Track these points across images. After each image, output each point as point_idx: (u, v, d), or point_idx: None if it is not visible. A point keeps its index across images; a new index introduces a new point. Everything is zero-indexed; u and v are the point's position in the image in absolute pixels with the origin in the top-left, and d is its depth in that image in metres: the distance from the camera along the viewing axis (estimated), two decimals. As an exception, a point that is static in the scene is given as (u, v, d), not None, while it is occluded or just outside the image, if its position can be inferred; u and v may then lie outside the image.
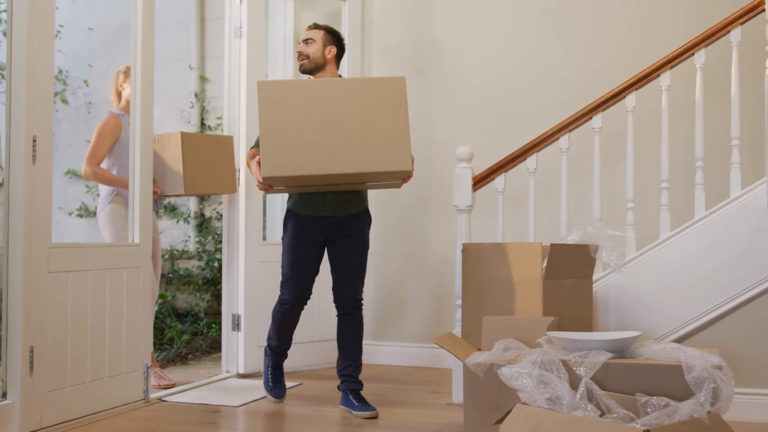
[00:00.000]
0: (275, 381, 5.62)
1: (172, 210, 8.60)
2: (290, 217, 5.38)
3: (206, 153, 6.10)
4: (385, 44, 7.41)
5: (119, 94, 6.18)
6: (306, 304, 5.47)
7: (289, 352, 5.73)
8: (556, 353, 4.09)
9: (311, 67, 5.40)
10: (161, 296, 8.30)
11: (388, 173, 4.86)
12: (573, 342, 4.17)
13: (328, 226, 5.30)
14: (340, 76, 5.51)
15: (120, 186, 5.94)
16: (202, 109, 8.58)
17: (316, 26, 5.50)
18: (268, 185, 5.01)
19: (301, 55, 5.41)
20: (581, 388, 3.84)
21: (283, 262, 5.41)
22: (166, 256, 8.61)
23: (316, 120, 4.76)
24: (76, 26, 8.94)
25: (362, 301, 5.46)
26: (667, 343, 4.18)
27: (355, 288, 5.40)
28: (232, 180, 6.32)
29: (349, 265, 5.36)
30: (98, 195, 8.58)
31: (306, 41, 5.41)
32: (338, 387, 5.45)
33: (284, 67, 7.37)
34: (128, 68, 6.15)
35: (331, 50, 5.43)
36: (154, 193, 5.88)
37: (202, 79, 8.62)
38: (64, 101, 8.85)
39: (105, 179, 6.00)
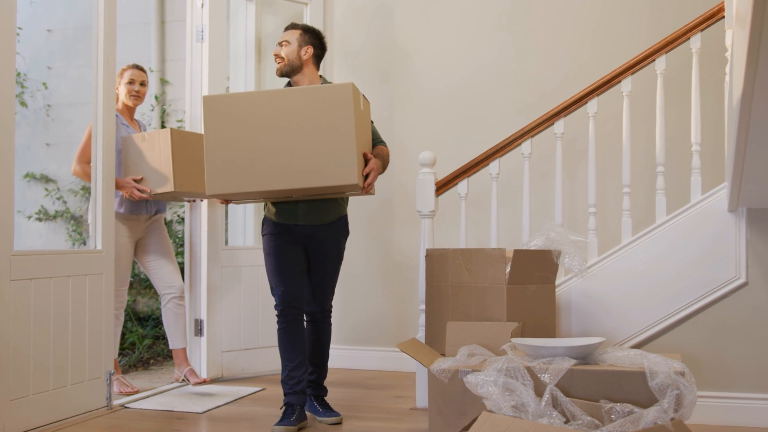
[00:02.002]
0: (283, 415, 5.04)
1: (132, 213, 8.54)
2: (266, 222, 5.21)
3: (196, 151, 5.91)
4: (347, 48, 7.41)
5: (117, 96, 6.16)
6: (302, 310, 5.18)
7: (280, 373, 5.23)
8: (520, 360, 4.12)
9: (287, 70, 5.16)
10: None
11: (335, 187, 4.72)
12: (537, 349, 4.19)
13: (303, 234, 5.11)
14: (321, 76, 5.31)
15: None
16: (163, 112, 8.54)
17: (293, 26, 5.25)
18: (224, 200, 5.00)
19: (276, 58, 5.18)
20: (546, 395, 3.87)
21: (267, 268, 5.15)
22: (127, 260, 8.56)
23: (260, 134, 4.67)
24: (34, 28, 8.87)
25: (331, 310, 5.37)
26: (631, 349, 4.23)
27: (325, 298, 5.28)
28: None
29: (321, 277, 5.23)
30: (58, 198, 8.61)
31: (281, 43, 5.18)
32: None
33: (246, 71, 7.36)
34: (123, 70, 6.13)
35: (308, 51, 5.18)
36: (143, 192, 5.82)
37: (163, 82, 8.58)
38: (23, 104, 8.78)
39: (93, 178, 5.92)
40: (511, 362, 4.03)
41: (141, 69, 6.21)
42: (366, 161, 4.83)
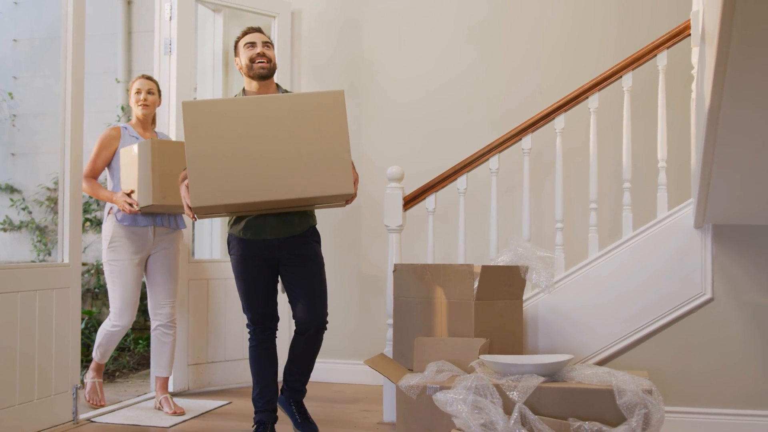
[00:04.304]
0: None
1: (98, 224, 8.50)
2: (232, 241, 4.99)
3: (180, 162, 5.41)
4: (314, 61, 7.41)
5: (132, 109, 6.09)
6: (275, 328, 5.06)
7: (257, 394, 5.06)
8: (489, 377, 4.13)
9: (269, 73, 4.98)
10: (87, 312, 8.20)
11: (328, 197, 4.55)
12: (506, 366, 4.21)
13: (272, 248, 4.90)
14: (277, 85, 5.16)
15: (107, 200, 5.79)
16: (129, 122, 8.50)
17: (262, 31, 5.12)
18: (193, 215, 4.67)
19: (262, 57, 4.96)
20: (515, 413, 3.88)
21: (237, 289, 5.01)
22: (92, 271, 8.52)
23: (248, 142, 4.43)
24: (0, 38, 8.82)
25: (326, 325, 5.08)
26: (598, 367, 4.25)
27: (320, 310, 5.02)
28: None
29: (306, 289, 4.96)
30: (24, 209, 8.56)
31: (266, 44, 5.01)
32: (281, 390, 5.17)
33: (213, 82, 7.34)
34: (131, 83, 5.99)
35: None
36: (131, 206, 5.70)
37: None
38: (-12, 113, 8.74)
39: (95, 194, 5.82)
40: (480, 380, 4.04)
41: (148, 78, 6.01)
42: None
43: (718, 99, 3.31)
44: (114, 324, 5.83)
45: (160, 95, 6.12)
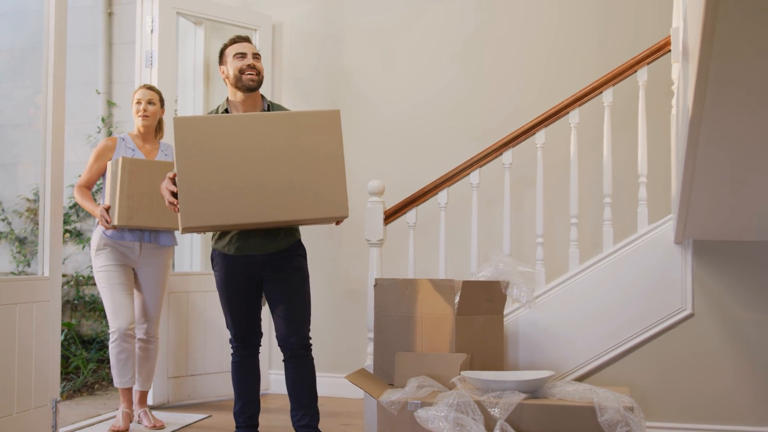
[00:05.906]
0: None
1: (78, 235, 8.47)
2: (215, 257, 4.91)
3: (153, 182, 5.43)
4: (296, 74, 7.40)
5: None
6: (258, 344, 5.04)
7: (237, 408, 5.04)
8: (470, 393, 4.13)
9: (257, 86, 4.85)
10: (66, 324, 8.16)
11: (322, 219, 4.54)
12: (487, 382, 4.20)
13: (256, 264, 4.81)
14: (262, 96, 5.00)
15: (90, 212, 5.70)
16: (109, 134, 8.47)
17: (250, 40, 4.99)
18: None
19: (252, 70, 4.81)
20: (496, 430, 3.88)
21: (221, 304, 4.95)
22: (71, 282, 8.48)
23: (241, 161, 4.34)
24: (-21, 48, 8.81)
25: (310, 344, 4.97)
26: (580, 383, 4.25)
27: (300, 327, 4.90)
28: None
29: (289, 305, 4.86)
30: (3, 219, 8.51)
31: (256, 56, 4.88)
32: None
33: (194, 94, 7.33)
34: (133, 93, 5.93)
35: None
36: (107, 222, 5.55)
37: (110, 104, 8.52)
38: (-33, 124, 8.70)
39: (83, 204, 5.74)
40: (462, 397, 4.04)
41: (149, 88, 5.91)
42: None
43: (698, 115, 3.32)
44: (111, 331, 5.65)
45: (162, 105, 5.98)
